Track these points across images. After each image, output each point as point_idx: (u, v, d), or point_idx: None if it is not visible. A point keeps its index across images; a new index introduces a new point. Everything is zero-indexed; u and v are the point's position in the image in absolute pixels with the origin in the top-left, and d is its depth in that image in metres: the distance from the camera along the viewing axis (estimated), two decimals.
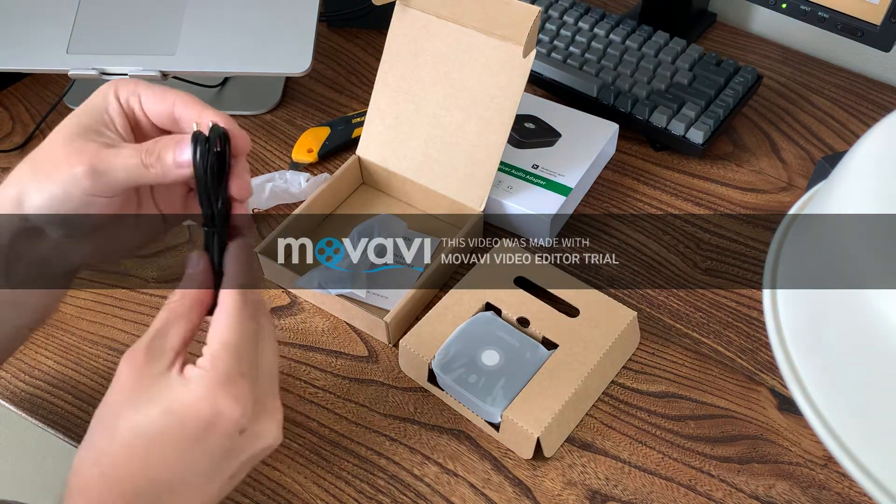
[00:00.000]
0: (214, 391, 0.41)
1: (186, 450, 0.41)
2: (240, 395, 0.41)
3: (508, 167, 0.74)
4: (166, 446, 0.41)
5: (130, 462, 0.41)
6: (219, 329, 0.43)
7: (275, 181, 0.75)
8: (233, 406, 0.41)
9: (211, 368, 0.41)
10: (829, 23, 0.76)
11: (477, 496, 0.58)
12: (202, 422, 0.41)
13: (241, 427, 0.42)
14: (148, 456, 0.41)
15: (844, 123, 0.83)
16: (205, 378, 0.41)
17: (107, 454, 0.41)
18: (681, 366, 0.65)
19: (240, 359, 0.42)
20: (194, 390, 0.41)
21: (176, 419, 0.41)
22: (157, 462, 0.41)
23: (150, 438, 0.41)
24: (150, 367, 0.41)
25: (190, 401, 0.41)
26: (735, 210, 0.76)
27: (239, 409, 0.41)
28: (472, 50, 0.68)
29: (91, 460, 0.41)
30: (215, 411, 0.41)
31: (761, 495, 0.57)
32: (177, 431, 0.41)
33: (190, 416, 0.41)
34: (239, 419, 0.41)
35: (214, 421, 0.41)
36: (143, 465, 0.41)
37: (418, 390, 0.64)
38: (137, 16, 0.81)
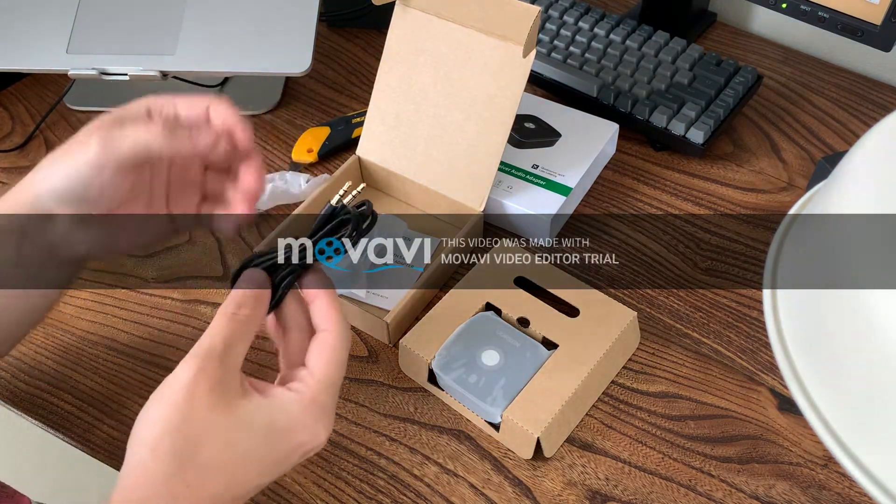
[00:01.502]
0: (315, 421, 0.44)
1: (272, 466, 0.44)
2: (329, 426, 0.45)
3: (508, 167, 0.74)
4: (258, 464, 0.43)
5: (220, 476, 0.42)
6: (322, 360, 0.45)
7: (275, 182, 0.75)
8: (324, 435, 0.45)
9: (314, 400, 0.44)
10: (829, 23, 0.76)
11: (477, 496, 0.58)
12: (297, 445, 0.44)
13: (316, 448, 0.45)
14: (238, 472, 0.43)
15: (844, 123, 0.83)
16: (309, 409, 0.44)
17: (195, 467, 0.41)
18: (681, 366, 0.65)
19: (335, 393, 0.45)
20: (296, 418, 0.44)
21: (273, 440, 0.43)
22: (245, 477, 0.43)
23: (246, 457, 0.43)
24: (228, 384, 0.43)
25: (292, 427, 0.44)
26: (735, 210, 0.76)
27: (325, 437, 0.45)
28: (472, 50, 0.68)
29: (172, 469, 0.41)
30: (311, 437, 0.44)
31: (761, 495, 0.57)
32: (269, 451, 0.43)
33: (287, 440, 0.44)
34: (323, 444, 0.45)
35: (305, 444, 0.44)
36: (232, 479, 0.43)
37: (418, 390, 0.64)
38: (137, 16, 0.81)
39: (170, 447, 0.41)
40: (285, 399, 0.44)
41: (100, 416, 0.63)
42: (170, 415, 0.41)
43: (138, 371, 0.66)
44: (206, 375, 0.42)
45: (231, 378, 0.43)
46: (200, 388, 0.42)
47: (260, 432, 0.43)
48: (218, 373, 0.42)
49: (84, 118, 0.87)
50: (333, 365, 0.45)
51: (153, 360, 0.66)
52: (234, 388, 0.43)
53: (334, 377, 0.45)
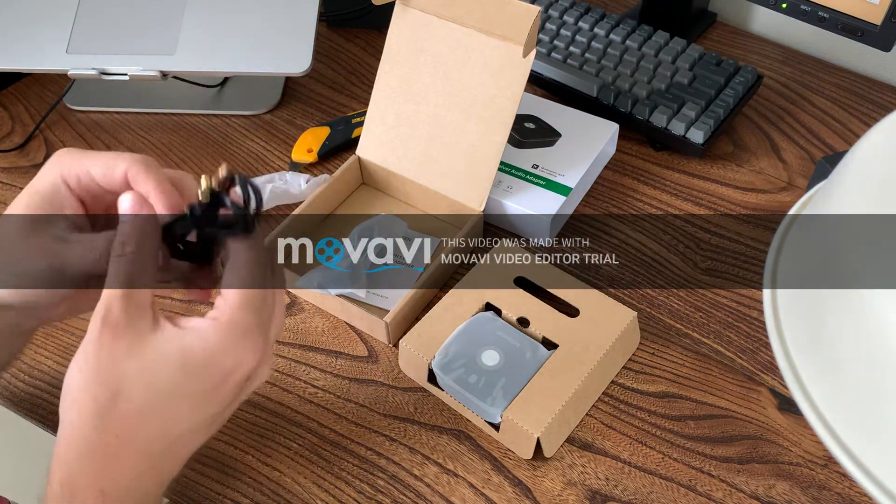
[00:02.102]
0: (236, 342, 0.42)
1: (203, 401, 0.42)
2: (256, 348, 0.43)
3: (508, 167, 0.74)
4: (185, 400, 0.42)
5: (148, 421, 0.41)
6: (234, 283, 0.43)
7: (275, 182, 0.75)
8: (251, 358, 0.43)
9: (230, 322, 0.42)
10: (829, 23, 0.76)
11: (477, 496, 0.58)
12: (222, 373, 0.42)
13: (250, 375, 0.43)
14: (165, 412, 0.41)
15: (844, 123, 0.83)
16: (226, 331, 0.42)
17: (119, 417, 0.40)
18: (681, 366, 0.65)
19: (258, 312, 0.43)
20: (214, 342, 0.42)
21: (194, 373, 0.41)
22: (176, 416, 0.42)
23: (168, 395, 0.41)
24: (137, 325, 0.41)
25: (210, 353, 0.42)
26: (735, 210, 0.76)
27: (255, 361, 0.43)
28: (472, 50, 0.68)
29: (98, 425, 0.40)
30: (236, 363, 0.42)
31: (761, 495, 0.57)
32: (196, 385, 0.42)
33: (210, 369, 0.42)
34: (254, 370, 0.43)
35: (233, 371, 0.42)
36: (160, 420, 0.41)
37: (418, 390, 0.64)
38: (137, 16, 0.82)
39: (91, 401, 0.40)
40: (199, 326, 0.42)
41: None
42: (84, 369, 0.41)
43: None
44: (110, 322, 0.41)
45: (137, 317, 0.41)
46: (106, 335, 0.41)
47: (175, 363, 0.41)
48: (121, 316, 0.41)
49: (84, 118, 0.87)
50: (248, 283, 0.43)
51: None
52: (143, 327, 0.41)
53: (251, 295, 0.43)
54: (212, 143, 0.84)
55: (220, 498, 0.58)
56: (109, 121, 0.87)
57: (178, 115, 0.87)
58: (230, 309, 0.42)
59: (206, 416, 0.43)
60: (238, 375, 0.43)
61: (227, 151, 0.83)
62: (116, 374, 0.41)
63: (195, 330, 0.42)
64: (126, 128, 0.86)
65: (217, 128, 0.86)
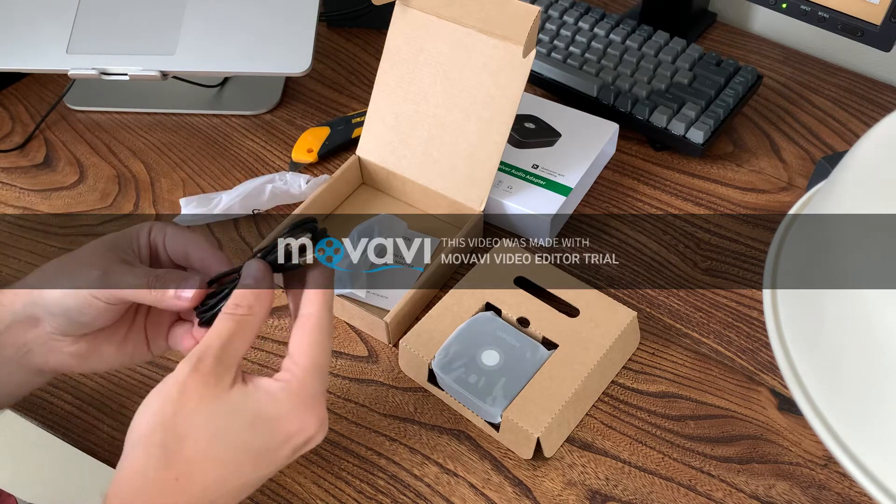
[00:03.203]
0: (304, 409, 0.44)
1: (262, 459, 0.44)
2: (320, 414, 0.45)
3: (508, 167, 0.74)
4: (247, 456, 0.43)
5: (208, 469, 0.42)
6: (303, 345, 0.45)
7: (275, 182, 0.75)
8: (315, 424, 0.44)
9: (301, 387, 0.44)
10: (829, 23, 0.76)
11: (477, 496, 0.58)
12: (286, 435, 0.44)
13: (308, 440, 0.45)
14: (227, 464, 0.43)
15: (844, 123, 0.83)
16: (294, 395, 0.44)
17: (182, 461, 0.41)
18: (681, 366, 0.65)
19: (323, 378, 0.45)
20: (285, 406, 0.43)
21: (261, 434, 0.43)
22: (235, 470, 0.43)
23: (235, 449, 0.43)
24: (221, 379, 0.43)
25: (279, 416, 0.43)
26: (735, 210, 0.76)
27: (317, 426, 0.45)
28: (472, 50, 0.68)
29: (160, 465, 0.41)
30: (301, 427, 0.44)
31: (761, 495, 0.57)
32: (259, 443, 0.43)
33: (276, 430, 0.43)
34: (314, 435, 0.45)
35: (296, 435, 0.44)
36: (220, 472, 0.42)
37: (418, 390, 0.64)
38: (137, 16, 0.82)
39: (159, 441, 0.41)
40: (272, 387, 0.44)
41: (100, 416, 0.63)
42: (162, 409, 0.42)
43: (139, 371, 0.66)
44: (200, 371, 0.42)
45: (224, 373, 0.43)
46: (192, 382, 0.42)
47: (245, 421, 0.43)
48: (212, 368, 0.43)
49: (84, 118, 0.87)
50: (318, 348, 0.45)
51: (154, 361, 0.66)
52: (225, 382, 0.43)
53: (319, 360, 0.45)
54: (212, 143, 0.84)
55: None
56: (109, 121, 0.87)
57: (178, 115, 0.87)
58: (301, 372, 0.44)
59: (260, 474, 0.44)
60: (299, 439, 0.44)
61: (227, 151, 0.83)
62: (189, 419, 0.42)
63: (266, 390, 0.44)
64: (126, 128, 0.86)
65: (217, 128, 0.86)
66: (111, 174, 0.81)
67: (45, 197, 0.80)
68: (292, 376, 0.44)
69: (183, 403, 0.42)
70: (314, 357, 0.45)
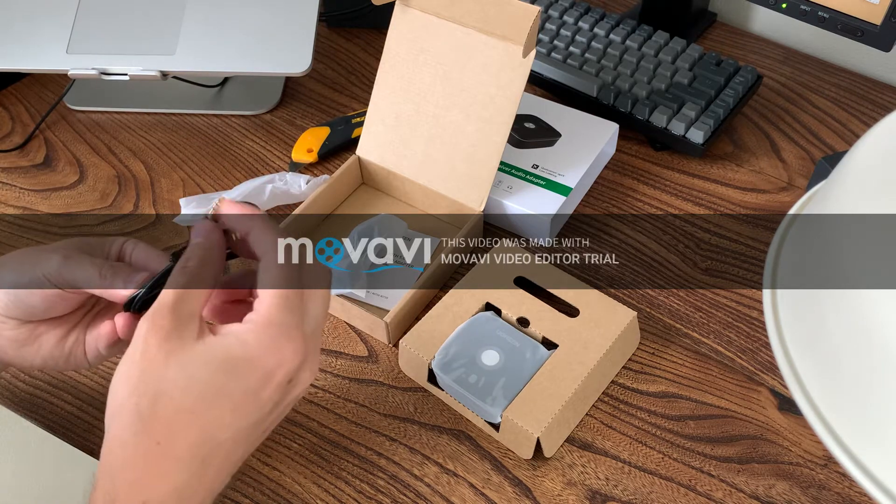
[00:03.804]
0: (275, 340, 0.42)
1: (244, 403, 0.42)
2: (296, 348, 0.42)
3: (508, 167, 0.74)
4: (225, 402, 0.41)
5: (189, 425, 0.41)
6: (267, 283, 0.43)
7: (275, 183, 0.75)
8: (291, 358, 0.42)
9: (267, 321, 0.42)
10: (829, 23, 0.76)
11: (477, 496, 0.58)
12: (263, 373, 0.42)
13: (291, 376, 0.43)
14: (206, 415, 0.41)
15: (844, 123, 0.83)
16: (263, 331, 0.42)
17: (160, 421, 0.40)
18: (681, 366, 0.65)
19: (292, 309, 0.43)
20: (254, 342, 0.42)
21: (236, 374, 0.41)
22: (217, 420, 0.41)
23: (209, 398, 0.41)
24: (183, 332, 0.41)
25: (252, 353, 0.41)
26: (735, 210, 0.76)
27: (296, 361, 0.42)
28: (472, 50, 0.68)
29: (138, 431, 0.40)
30: (277, 362, 0.42)
31: (761, 495, 0.57)
32: (236, 386, 0.41)
33: (251, 369, 0.42)
34: (296, 370, 0.43)
35: (274, 370, 0.42)
36: (201, 425, 0.41)
37: (418, 390, 0.64)
38: (137, 16, 0.82)
39: (133, 407, 0.40)
40: (238, 329, 0.42)
41: (100, 417, 0.63)
42: (129, 373, 0.41)
43: None
44: (157, 328, 0.41)
45: (185, 326, 0.42)
46: (153, 338, 0.41)
47: (215, 366, 0.41)
48: (169, 323, 0.41)
49: (84, 118, 0.87)
50: (281, 283, 0.43)
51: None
52: (188, 335, 0.42)
53: (285, 295, 0.43)
54: (212, 143, 0.84)
55: (220, 498, 0.58)
56: (109, 121, 0.87)
57: (178, 115, 0.87)
58: (265, 308, 0.42)
59: (248, 421, 0.42)
60: (279, 376, 0.42)
61: (227, 151, 0.83)
62: (157, 377, 0.41)
63: (233, 333, 0.42)
64: (126, 128, 0.86)
65: (217, 128, 0.86)
66: (111, 174, 0.81)
67: (45, 197, 0.80)
68: (256, 314, 0.42)
69: (148, 362, 0.41)
70: (279, 291, 0.43)
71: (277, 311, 0.42)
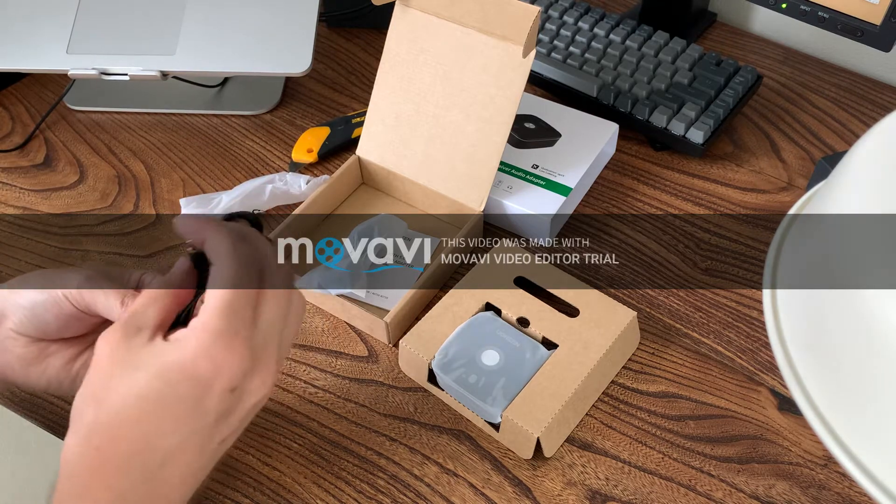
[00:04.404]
0: (210, 347, 0.40)
1: (183, 412, 0.40)
2: (236, 350, 0.40)
3: (508, 167, 0.74)
4: (162, 410, 0.40)
5: (126, 431, 0.40)
6: (212, 290, 0.42)
7: (275, 183, 0.75)
8: (231, 365, 0.40)
9: (204, 326, 0.40)
10: (829, 23, 0.76)
11: (477, 496, 0.58)
12: (199, 380, 0.40)
13: (234, 384, 0.41)
14: (143, 422, 0.40)
15: (844, 123, 0.83)
16: (199, 336, 0.40)
17: (100, 427, 0.40)
18: (681, 366, 0.65)
19: (234, 315, 0.41)
20: (189, 348, 0.40)
21: (171, 380, 0.40)
22: (154, 427, 0.40)
23: (146, 403, 0.40)
24: (131, 341, 0.41)
25: (186, 359, 0.40)
26: (735, 210, 0.76)
27: (240, 368, 0.41)
28: (472, 50, 0.68)
29: (82, 438, 0.40)
30: (215, 369, 0.40)
31: (761, 495, 0.57)
32: (171, 392, 0.40)
33: (186, 376, 0.40)
34: (235, 375, 0.41)
35: (211, 379, 0.40)
36: (139, 431, 0.40)
37: (418, 390, 0.64)
38: (137, 16, 0.82)
39: (78, 416, 0.41)
40: (179, 336, 0.41)
41: None
42: (83, 386, 0.42)
43: None
44: (106, 340, 0.41)
45: (133, 334, 0.41)
46: (101, 352, 0.41)
47: (152, 371, 0.40)
48: (117, 335, 0.41)
49: (84, 118, 0.87)
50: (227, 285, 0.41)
51: None
52: (137, 343, 0.41)
53: (229, 298, 0.41)
54: (212, 143, 0.84)
55: (220, 498, 0.58)
56: (109, 121, 0.87)
57: (178, 115, 0.87)
58: (206, 314, 0.41)
59: (190, 429, 0.41)
60: (218, 385, 0.40)
61: (227, 151, 0.83)
62: (102, 386, 0.41)
63: (175, 340, 0.41)
64: (126, 128, 0.86)
65: (217, 128, 0.86)
66: (111, 174, 0.81)
67: (45, 197, 0.80)
68: (197, 319, 0.41)
69: (96, 371, 0.41)
70: (222, 294, 0.41)
71: (216, 317, 0.40)
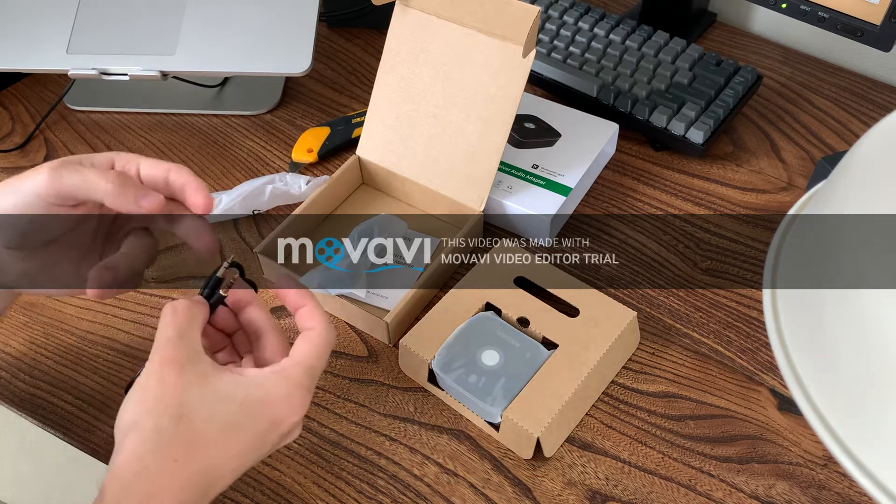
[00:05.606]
0: (292, 394, 0.46)
1: (253, 442, 0.45)
2: (306, 401, 0.47)
3: (508, 167, 0.74)
4: (241, 438, 0.44)
5: (206, 450, 0.43)
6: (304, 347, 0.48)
7: (275, 183, 0.75)
8: (297, 413, 0.46)
9: (285, 374, 0.46)
10: (829, 23, 0.76)
11: (477, 496, 0.58)
12: (274, 420, 0.45)
13: (291, 429, 0.47)
14: (222, 445, 0.44)
15: (844, 123, 0.83)
16: (281, 381, 0.46)
17: (180, 442, 0.43)
18: (681, 366, 0.65)
19: (315, 375, 0.48)
20: (272, 391, 0.46)
21: (253, 414, 0.45)
22: (230, 451, 0.44)
23: (229, 429, 0.44)
24: (197, 365, 0.45)
25: (266, 399, 0.45)
26: (735, 210, 0.76)
27: (298, 416, 0.47)
28: (472, 50, 0.68)
29: (157, 446, 0.42)
30: (288, 412, 0.46)
31: (761, 495, 0.57)
32: (251, 425, 0.45)
33: (265, 414, 0.45)
34: (295, 424, 0.47)
35: (282, 420, 0.46)
36: (218, 453, 0.44)
37: (418, 390, 0.64)
38: (137, 16, 0.82)
39: (152, 425, 0.43)
40: (259, 374, 0.46)
41: (100, 416, 0.63)
42: (144, 398, 0.43)
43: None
44: (170, 359, 0.44)
45: (196, 357, 0.45)
46: (168, 370, 0.44)
47: (236, 403, 0.44)
48: (180, 354, 0.44)
49: (84, 118, 0.87)
50: (314, 353, 0.48)
51: None
52: (204, 365, 0.45)
53: (312, 362, 0.47)
54: (212, 143, 0.84)
55: (221, 498, 0.58)
56: (109, 121, 0.87)
57: (178, 115, 0.87)
58: (289, 363, 0.47)
59: (250, 458, 0.46)
60: (284, 426, 0.46)
61: (227, 151, 0.83)
62: (180, 402, 0.43)
63: (255, 377, 0.46)
64: (126, 128, 0.86)
65: (217, 128, 0.86)
66: None
67: None
68: (279, 366, 0.47)
69: (166, 389, 0.43)
70: (309, 357, 0.47)
71: (304, 375, 0.47)
